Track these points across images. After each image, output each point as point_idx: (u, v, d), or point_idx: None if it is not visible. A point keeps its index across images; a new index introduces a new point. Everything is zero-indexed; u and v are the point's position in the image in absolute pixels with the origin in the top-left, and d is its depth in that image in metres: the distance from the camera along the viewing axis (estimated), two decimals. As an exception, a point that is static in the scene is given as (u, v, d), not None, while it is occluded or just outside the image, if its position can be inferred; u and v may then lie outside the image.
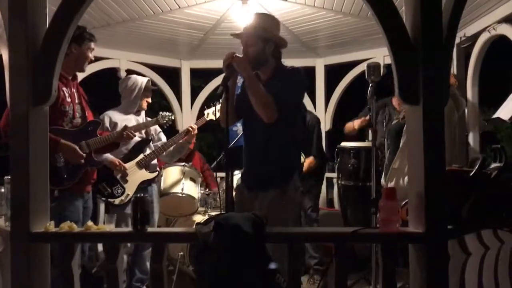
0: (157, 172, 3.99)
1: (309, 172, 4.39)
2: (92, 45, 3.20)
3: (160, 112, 3.87)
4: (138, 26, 4.68)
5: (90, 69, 5.44)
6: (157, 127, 4.09)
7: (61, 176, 2.93)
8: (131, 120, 3.87)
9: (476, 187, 2.27)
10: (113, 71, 5.60)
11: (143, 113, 4.03)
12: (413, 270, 2.18)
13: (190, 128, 4.02)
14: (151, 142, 4.02)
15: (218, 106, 4.03)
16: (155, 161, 3.99)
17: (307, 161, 4.38)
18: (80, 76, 5.28)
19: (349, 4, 4.19)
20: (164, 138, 4.15)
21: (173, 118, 3.95)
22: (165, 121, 3.85)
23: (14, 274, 2.13)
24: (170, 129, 4.11)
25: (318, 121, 4.75)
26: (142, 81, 3.96)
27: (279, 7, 4.34)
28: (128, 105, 3.94)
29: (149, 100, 4.04)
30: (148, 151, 3.92)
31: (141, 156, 3.85)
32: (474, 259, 2.33)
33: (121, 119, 3.83)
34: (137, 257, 3.83)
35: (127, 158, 3.80)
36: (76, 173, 3.00)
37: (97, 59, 5.43)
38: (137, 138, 3.79)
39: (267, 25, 2.88)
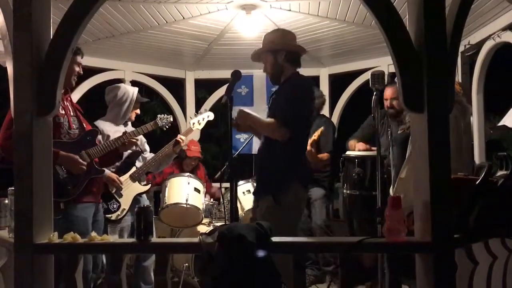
0: (150, 185, 3.96)
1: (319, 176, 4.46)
2: (78, 58, 3.09)
3: (158, 115, 3.81)
4: (143, 37, 4.71)
5: (95, 80, 5.49)
6: (142, 137, 4.01)
7: (64, 188, 2.91)
8: (121, 131, 3.83)
9: (483, 195, 2.25)
10: (118, 82, 5.62)
11: (130, 124, 3.94)
12: (420, 280, 2.15)
13: (180, 140, 3.94)
14: (142, 153, 3.96)
15: (203, 115, 4.09)
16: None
17: (319, 156, 4.44)
18: (85, 87, 5.37)
19: (352, 13, 4.20)
20: (147, 148, 4.10)
21: (171, 120, 3.88)
22: (163, 123, 3.78)
23: (18, 286, 2.12)
24: (173, 136, 4.09)
25: (331, 122, 4.97)
26: (133, 92, 3.86)
27: (283, 17, 4.35)
28: (118, 117, 3.83)
29: (138, 111, 3.96)
30: (138, 164, 3.88)
31: (133, 169, 3.81)
32: (482, 268, 2.30)
33: (113, 130, 3.74)
34: (139, 269, 3.79)
35: (120, 171, 3.75)
36: (79, 183, 2.98)
37: (102, 70, 5.48)
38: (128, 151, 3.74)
39: (273, 37, 3.06)
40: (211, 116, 4.19)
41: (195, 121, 4.11)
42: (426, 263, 2.09)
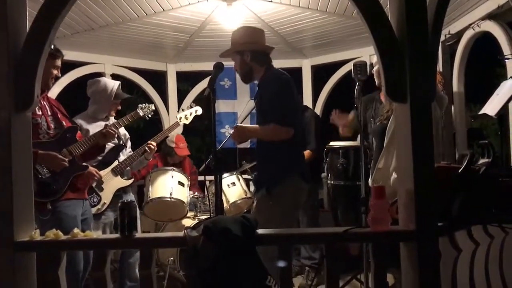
0: (132, 179, 3.87)
1: None
2: (57, 62, 3.01)
3: (139, 105, 3.73)
4: (122, 29, 4.64)
5: (74, 74, 5.40)
6: (126, 133, 3.97)
7: (49, 188, 2.86)
8: (101, 126, 3.76)
9: (465, 184, 2.27)
10: (98, 76, 5.54)
11: (112, 119, 3.82)
12: (404, 268, 2.17)
13: (151, 146, 3.85)
14: (124, 148, 3.90)
15: (191, 110, 4.04)
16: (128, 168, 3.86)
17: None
18: (64, 82, 5.28)
19: (334, 4, 4.19)
20: (129, 144, 4.03)
21: (153, 108, 3.82)
22: (145, 113, 3.72)
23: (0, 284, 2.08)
24: (156, 130, 4.04)
25: (315, 116, 4.85)
26: (112, 86, 3.73)
27: (264, 8, 4.33)
28: (98, 111, 3.73)
29: (119, 107, 3.83)
30: (122, 158, 3.81)
31: (115, 163, 3.74)
32: (464, 255, 2.32)
33: (93, 126, 3.66)
34: (124, 265, 3.75)
35: (102, 165, 3.68)
36: (63, 181, 2.94)
37: (82, 64, 5.40)
38: (110, 145, 3.67)
39: (238, 38, 3.10)
40: (199, 110, 4.12)
41: (182, 116, 4.04)
42: (410, 252, 2.10)
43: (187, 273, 3.74)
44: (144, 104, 3.75)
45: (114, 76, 5.48)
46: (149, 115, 3.79)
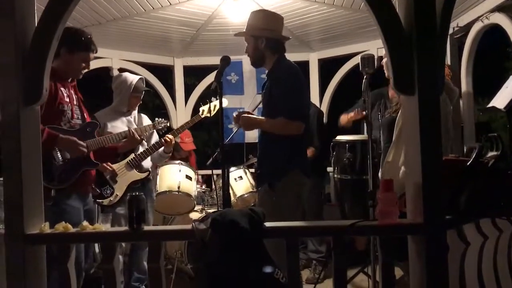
0: (148, 172, 3.87)
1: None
2: (89, 55, 3.05)
3: (156, 119, 3.83)
4: (129, 24, 4.65)
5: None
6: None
7: (58, 175, 2.88)
8: (122, 121, 3.79)
9: (474, 176, 2.26)
10: (106, 70, 5.57)
11: (134, 112, 3.89)
12: (412, 262, 2.16)
13: (168, 139, 3.86)
14: (144, 140, 3.91)
15: (215, 103, 4.01)
16: (148, 162, 3.90)
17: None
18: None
19: (341, -3, 4.18)
20: (156, 136, 4.07)
21: (168, 124, 3.91)
22: (160, 127, 3.82)
23: (10, 277, 2.10)
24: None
25: (319, 113, 4.79)
26: (132, 79, 3.80)
27: (271, 2, 4.31)
28: (119, 104, 3.82)
29: (140, 101, 3.89)
30: (140, 150, 3.83)
31: (131, 156, 3.76)
32: (473, 249, 2.32)
33: (111, 119, 3.73)
34: (134, 257, 3.79)
35: (117, 157, 3.70)
36: (73, 173, 2.95)
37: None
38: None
39: (256, 22, 3.03)
40: (224, 103, 4.07)
41: (205, 109, 3.99)
42: (418, 245, 2.10)
43: (195, 266, 3.77)
44: (160, 119, 3.84)
45: (122, 71, 5.49)
46: (163, 131, 3.91)
